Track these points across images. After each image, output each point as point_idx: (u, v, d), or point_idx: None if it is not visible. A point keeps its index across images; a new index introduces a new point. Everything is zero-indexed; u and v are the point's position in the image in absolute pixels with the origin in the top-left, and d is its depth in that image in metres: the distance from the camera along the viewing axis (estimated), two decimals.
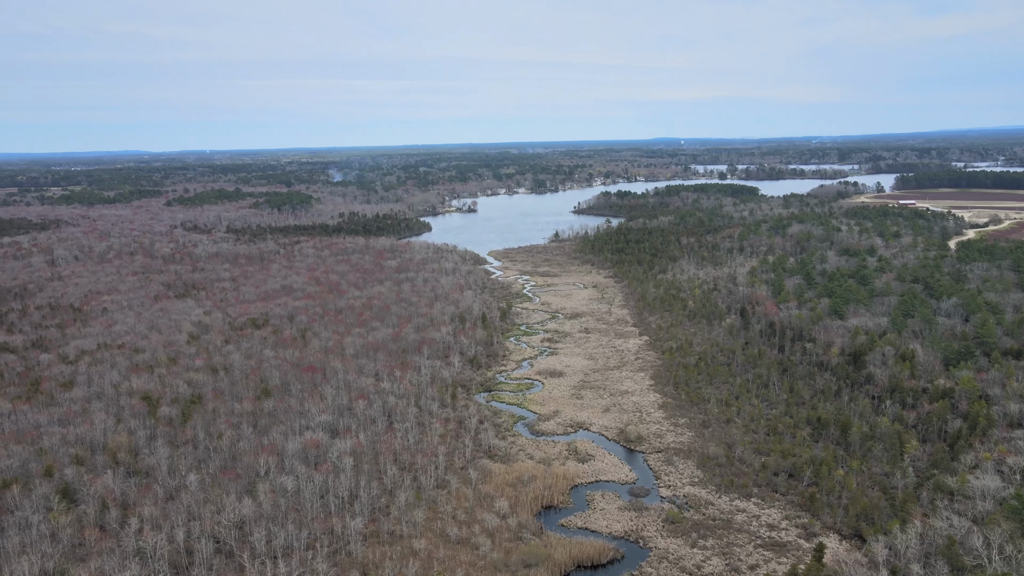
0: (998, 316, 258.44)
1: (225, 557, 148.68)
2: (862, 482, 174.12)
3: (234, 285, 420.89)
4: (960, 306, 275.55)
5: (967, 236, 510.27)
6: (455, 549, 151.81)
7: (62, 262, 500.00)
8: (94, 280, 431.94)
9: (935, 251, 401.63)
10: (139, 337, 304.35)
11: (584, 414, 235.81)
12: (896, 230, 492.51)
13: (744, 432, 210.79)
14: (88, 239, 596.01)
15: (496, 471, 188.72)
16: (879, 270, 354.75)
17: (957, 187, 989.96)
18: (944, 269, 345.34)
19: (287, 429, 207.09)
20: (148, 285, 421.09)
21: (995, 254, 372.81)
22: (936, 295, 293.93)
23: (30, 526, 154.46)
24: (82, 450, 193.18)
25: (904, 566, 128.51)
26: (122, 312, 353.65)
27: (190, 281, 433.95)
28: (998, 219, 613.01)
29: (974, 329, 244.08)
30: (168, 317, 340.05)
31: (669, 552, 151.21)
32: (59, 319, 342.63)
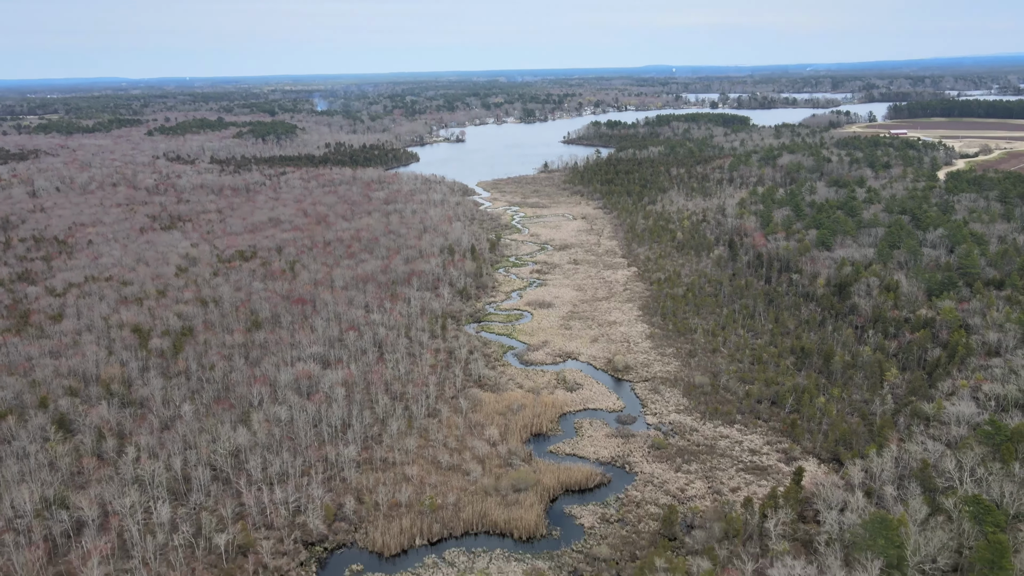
0: (982, 247, 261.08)
1: (222, 484, 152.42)
2: (842, 409, 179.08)
3: (220, 217, 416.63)
4: (946, 237, 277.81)
5: (957, 167, 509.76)
6: (446, 475, 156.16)
7: (43, 193, 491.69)
8: (77, 212, 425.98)
9: (924, 182, 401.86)
10: (126, 270, 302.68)
11: (573, 344, 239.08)
12: (886, 161, 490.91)
13: (729, 361, 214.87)
14: (69, 170, 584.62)
15: (486, 400, 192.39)
16: (868, 202, 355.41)
17: (949, 116, 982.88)
18: (932, 200, 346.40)
19: (279, 360, 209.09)
20: (133, 217, 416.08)
21: (983, 185, 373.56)
22: (923, 226, 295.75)
23: (28, 455, 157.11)
24: (75, 382, 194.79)
25: (878, 488, 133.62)
26: (108, 244, 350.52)
27: (175, 213, 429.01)
28: (988, 149, 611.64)
29: (958, 260, 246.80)
30: (155, 249, 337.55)
31: (654, 476, 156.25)
32: (44, 251, 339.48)
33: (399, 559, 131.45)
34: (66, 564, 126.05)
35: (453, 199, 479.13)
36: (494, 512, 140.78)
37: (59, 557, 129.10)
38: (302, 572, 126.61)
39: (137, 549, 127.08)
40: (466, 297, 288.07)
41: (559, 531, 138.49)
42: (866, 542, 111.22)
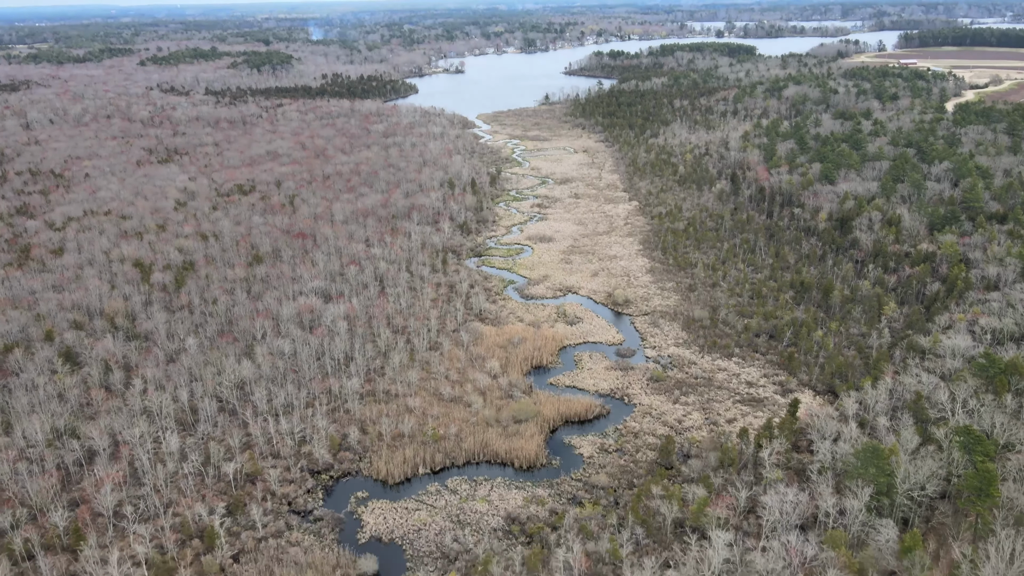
0: (987, 181, 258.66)
1: (228, 415, 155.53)
2: (839, 342, 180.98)
3: (217, 150, 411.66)
4: (951, 171, 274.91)
5: (966, 98, 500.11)
6: (448, 407, 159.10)
7: (37, 126, 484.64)
8: (72, 145, 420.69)
9: (932, 114, 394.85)
10: (125, 204, 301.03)
11: (573, 278, 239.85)
12: (894, 92, 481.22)
13: (729, 296, 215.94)
14: (62, 101, 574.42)
15: (487, 333, 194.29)
16: (873, 134, 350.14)
17: (961, 46, 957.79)
18: (939, 133, 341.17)
19: (280, 294, 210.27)
20: (129, 150, 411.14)
21: (991, 116, 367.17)
22: (928, 160, 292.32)
23: (36, 387, 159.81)
24: (79, 315, 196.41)
25: (872, 419, 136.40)
26: (105, 178, 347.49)
27: (172, 146, 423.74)
28: (999, 79, 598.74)
29: (962, 194, 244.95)
30: (152, 183, 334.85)
31: (652, 408, 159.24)
32: (41, 185, 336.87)
33: (403, 487, 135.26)
34: (79, 491, 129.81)
35: (453, 132, 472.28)
36: (495, 442, 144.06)
37: (72, 484, 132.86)
38: (309, 499, 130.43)
39: (148, 477, 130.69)
40: (467, 231, 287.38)
41: (559, 460, 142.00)
42: (857, 470, 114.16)
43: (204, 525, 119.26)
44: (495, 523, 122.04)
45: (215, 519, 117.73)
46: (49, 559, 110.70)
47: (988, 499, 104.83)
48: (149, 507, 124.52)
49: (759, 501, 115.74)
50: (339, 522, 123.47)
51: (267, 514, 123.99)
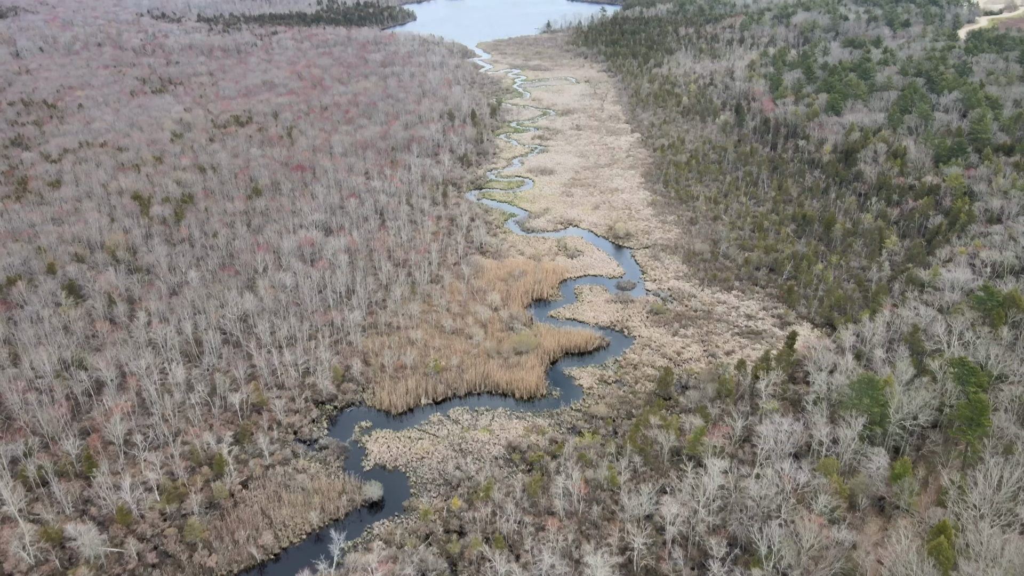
0: (996, 111, 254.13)
1: (233, 347, 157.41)
2: (839, 276, 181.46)
3: (212, 80, 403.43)
4: (960, 101, 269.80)
5: (980, 24, 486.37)
6: (450, 339, 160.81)
7: (27, 54, 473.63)
8: (64, 74, 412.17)
9: (943, 42, 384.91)
10: (120, 135, 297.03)
11: (574, 211, 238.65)
12: (906, 19, 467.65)
13: (730, 229, 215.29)
14: (51, 28, 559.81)
15: (488, 266, 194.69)
16: (882, 63, 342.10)
17: None
18: (949, 62, 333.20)
19: (281, 228, 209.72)
20: (122, 80, 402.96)
21: (1004, 44, 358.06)
22: (937, 89, 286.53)
23: (42, 319, 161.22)
24: (80, 248, 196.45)
25: (868, 351, 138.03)
26: (99, 109, 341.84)
27: (165, 76, 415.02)
28: (1014, 5, 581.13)
29: (970, 125, 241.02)
30: (147, 114, 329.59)
31: (652, 340, 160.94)
32: (35, 116, 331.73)
33: (405, 417, 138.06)
34: (89, 420, 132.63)
35: (452, 62, 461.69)
36: (496, 374, 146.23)
37: (82, 414, 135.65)
38: (314, 428, 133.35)
39: (156, 407, 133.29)
40: (467, 164, 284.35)
41: (559, 391, 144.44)
42: (852, 401, 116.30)
43: (212, 453, 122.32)
44: (496, 451, 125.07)
45: (223, 447, 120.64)
46: (63, 485, 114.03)
47: (979, 429, 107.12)
48: (158, 436, 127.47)
49: (754, 431, 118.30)
50: (344, 451, 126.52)
51: (273, 443, 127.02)
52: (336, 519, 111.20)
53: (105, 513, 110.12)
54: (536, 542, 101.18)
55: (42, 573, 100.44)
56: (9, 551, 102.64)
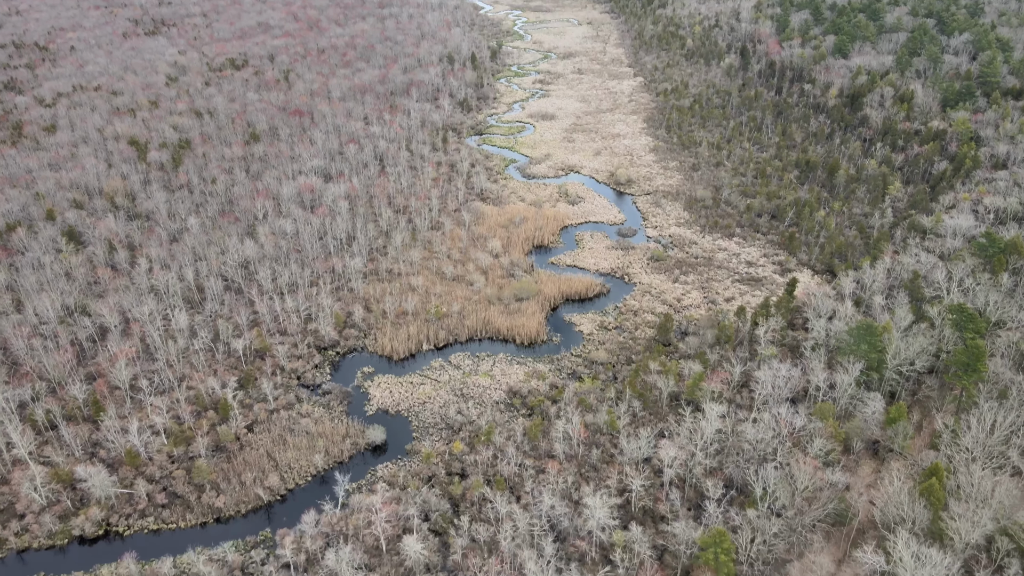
0: (1007, 53, 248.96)
1: (235, 294, 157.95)
2: (841, 223, 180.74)
3: (206, 21, 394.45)
4: (970, 43, 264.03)
5: None
6: (451, 285, 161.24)
7: None
8: (55, 15, 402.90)
9: None
10: (114, 79, 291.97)
11: (575, 157, 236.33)
12: None
13: (732, 175, 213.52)
14: None
15: (488, 213, 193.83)
16: (892, 3, 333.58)
17: None
18: (961, 2, 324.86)
19: (280, 174, 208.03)
20: (113, 21, 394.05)
21: None
22: (948, 31, 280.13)
23: (43, 266, 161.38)
24: (79, 194, 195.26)
25: (868, 298, 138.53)
26: (91, 51, 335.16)
27: (158, 17, 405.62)
28: None
29: (979, 68, 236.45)
30: (141, 57, 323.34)
31: (652, 287, 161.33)
32: (26, 59, 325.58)
33: (407, 362, 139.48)
34: (95, 366, 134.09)
35: (451, 2, 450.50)
36: (497, 320, 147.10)
37: (87, 360, 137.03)
38: (317, 374, 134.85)
39: (160, 352, 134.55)
40: (467, 108, 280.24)
41: (559, 337, 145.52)
42: (850, 347, 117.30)
43: (217, 398, 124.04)
44: (497, 396, 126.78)
45: (227, 392, 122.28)
46: (71, 428, 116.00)
47: (974, 374, 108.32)
48: (163, 381, 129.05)
49: (753, 376, 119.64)
50: (347, 395, 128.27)
51: (277, 388, 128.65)
52: (340, 462, 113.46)
53: (114, 456, 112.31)
54: (536, 484, 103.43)
55: (54, 513, 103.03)
56: (21, 492, 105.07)
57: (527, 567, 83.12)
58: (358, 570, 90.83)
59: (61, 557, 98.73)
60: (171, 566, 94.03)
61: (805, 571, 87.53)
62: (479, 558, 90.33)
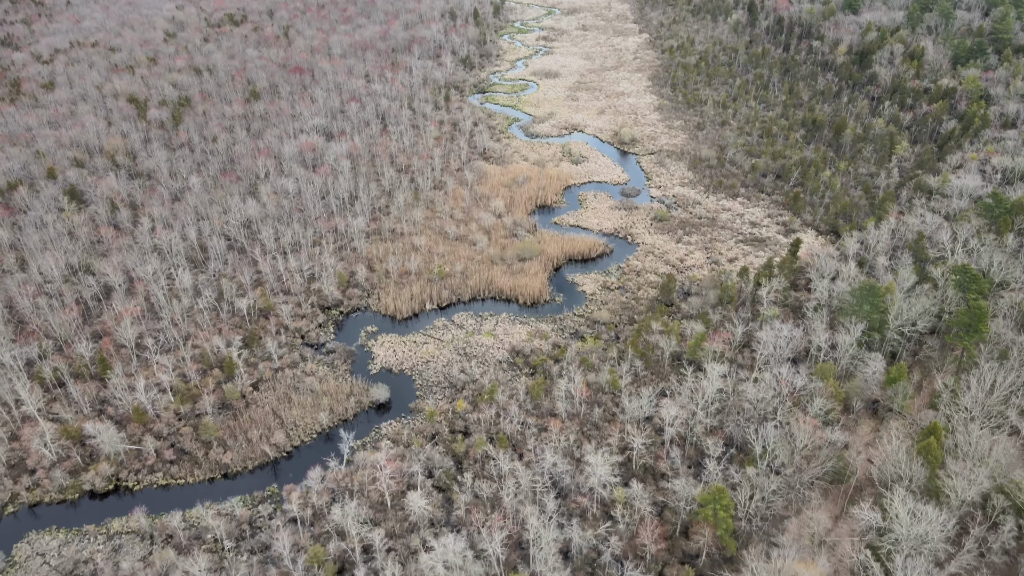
0: (1020, 10, 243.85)
1: (238, 253, 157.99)
2: (846, 182, 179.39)
3: None
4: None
5: None
6: (454, 245, 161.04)
7: None
8: None
9: None
10: (112, 35, 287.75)
11: (579, 116, 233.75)
12: None
13: (738, 134, 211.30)
14: None
15: (491, 172, 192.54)
16: None
17: None
18: None
19: (281, 132, 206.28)
20: None
21: None
22: None
23: (46, 225, 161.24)
24: (79, 153, 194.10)
25: (872, 258, 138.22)
26: (87, 6, 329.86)
27: None
28: None
29: (992, 24, 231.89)
30: (138, 12, 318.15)
31: (655, 247, 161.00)
32: (22, 14, 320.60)
33: (411, 322, 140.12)
34: (100, 324, 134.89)
35: None
36: (500, 280, 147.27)
37: (92, 318, 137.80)
38: (321, 333, 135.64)
39: (165, 311, 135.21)
40: (469, 66, 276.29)
41: (562, 297, 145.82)
42: (852, 307, 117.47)
43: (222, 356, 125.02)
44: (500, 356, 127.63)
45: (232, 351, 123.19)
46: (79, 386, 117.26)
47: (976, 335, 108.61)
48: (168, 339, 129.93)
49: (754, 336, 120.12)
50: (351, 354, 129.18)
51: (282, 347, 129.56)
52: (345, 420, 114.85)
53: (122, 413, 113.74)
54: (539, 442, 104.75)
55: (65, 468, 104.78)
56: (31, 448, 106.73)
57: (529, 522, 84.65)
58: (363, 525, 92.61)
59: (72, 511, 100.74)
60: (180, 520, 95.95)
61: (802, 527, 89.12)
62: (482, 513, 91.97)
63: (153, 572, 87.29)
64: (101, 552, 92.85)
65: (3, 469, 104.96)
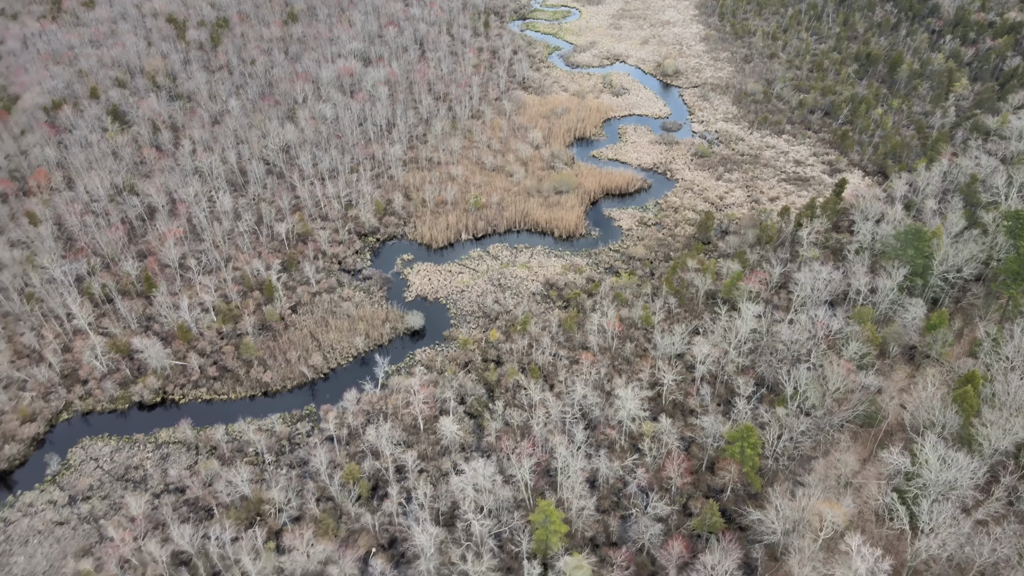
0: None
1: (276, 178, 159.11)
2: (898, 121, 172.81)
3: None
4: None
5: None
6: (490, 176, 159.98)
7: None
8: None
9: None
10: None
11: (621, 46, 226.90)
12: None
13: (787, 68, 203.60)
14: None
15: (530, 102, 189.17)
16: None
17: None
18: None
19: (319, 56, 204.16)
20: None
21: None
22: None
23: (91, 144, 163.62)
24: (121, 73, 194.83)
25: (920, 201, 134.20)
26: None
27: None
28: None
29: None
30: None
31: (694, 184, 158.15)
32: None
33: (446, 251, 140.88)
34: (145, 244, 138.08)
35: None
36: (536, 212, 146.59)
37: (137, 238, 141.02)
38: (357, 259, 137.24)
39: (207, 233, 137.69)
40: None
41: (598, 232, 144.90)
42: (896, 251, 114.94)
43: (262, 279, 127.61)
44: (534, 288, 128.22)
45: (272, 274, 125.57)
46: (126, 303, 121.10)
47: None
48: (210, 261, 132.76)
49: (792, 277, 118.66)
50: (387, 281, 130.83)
51: (319, 271, 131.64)
52: (380, 345, 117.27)
53: (167, 330, 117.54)
54: (570, 374, 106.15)
55: (115, 380, 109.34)
56: (83, 360, 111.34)
57: (558, 451, 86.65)
58: (397, 446, 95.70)
59: (123, 420, 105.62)
60: (223, 433, 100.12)
61: (829, 468, 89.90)
62: (512, 441, 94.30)
63: (198, 480, 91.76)
64: (150, 459, 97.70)
65: (58, 378, 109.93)
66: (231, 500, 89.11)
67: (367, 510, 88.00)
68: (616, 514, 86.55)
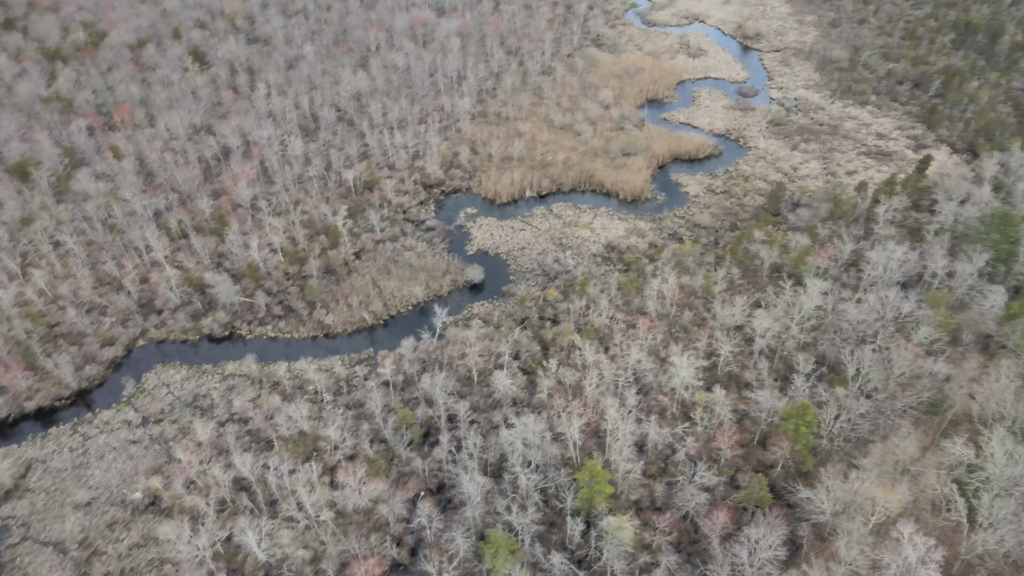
0: None
1: (347, 125, 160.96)
2: (995, 97, 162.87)
3: None
4: None
5: None
6: (558, 134, 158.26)
7: None
8: None
9: None
10: None
11: (702, 5, 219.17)
12: None
13: (877, 35, 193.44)
14: None
15: (603, 61, 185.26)
16: None
17: None
18: None
19: (393, 4, 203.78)
20: None
21: None
22: None
23: (172, 83, 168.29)
24: (202, 14, 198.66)
25: (1011, 183, 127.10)
26: None
27: None
28: None
29: None
30: None
31: (768, 153, 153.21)
32: None
33: (509, 207, 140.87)
34: (219, 183, 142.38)
35: None
36: (602, 173, 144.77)
37: (212, 177, 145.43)
38: (422, 210, 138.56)
39: (278, 176, 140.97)
40: None
41: (664, 196, 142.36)
42: (979, 235, 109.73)
43: (328, 224, 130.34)
44: (595, 249, 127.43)
45: (338, 219, 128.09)
46: (200, 239, 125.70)
47: None
48: (280, 203, 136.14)
49: (864, 255, 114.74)
50: (449, 234, 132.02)
51: (384, 220, 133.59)
52: (439, 296, 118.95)
53: (237, 267, 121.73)
54: (625, 338, 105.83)
55: (187, 312, 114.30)
56: (159, 291, 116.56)
57: (608, 413, 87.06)
58: (450, 395, 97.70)
59: (193, 350, 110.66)
60: (286, 370, 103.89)
61: (887, 453, 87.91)
62: (563, 399, 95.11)
63: (261, 412, 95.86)
64: (216, 390, 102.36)
65: (135, 307, 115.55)
66: (290, 434, 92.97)
67: (418, 455, 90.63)
68: (662, 480, 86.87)
